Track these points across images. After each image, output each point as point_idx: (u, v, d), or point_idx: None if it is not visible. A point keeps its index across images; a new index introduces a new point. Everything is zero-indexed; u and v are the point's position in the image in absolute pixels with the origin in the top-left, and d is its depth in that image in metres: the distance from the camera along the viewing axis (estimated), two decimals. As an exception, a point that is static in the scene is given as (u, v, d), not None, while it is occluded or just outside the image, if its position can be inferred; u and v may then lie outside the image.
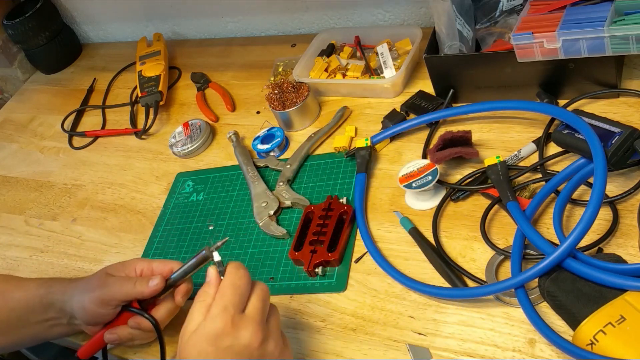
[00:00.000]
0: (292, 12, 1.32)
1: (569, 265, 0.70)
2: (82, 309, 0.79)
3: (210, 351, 0.63)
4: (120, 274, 0.81)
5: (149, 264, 0.81)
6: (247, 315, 0.65)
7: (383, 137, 0.99)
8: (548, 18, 0.86)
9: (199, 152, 1.15)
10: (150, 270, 0.81)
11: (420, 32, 1.10)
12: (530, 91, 0.94)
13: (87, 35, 1.64)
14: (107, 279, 0.80)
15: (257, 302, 0.67)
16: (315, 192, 0.98)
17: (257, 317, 0.65)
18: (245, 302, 0.66)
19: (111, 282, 0.79)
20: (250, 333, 0.64)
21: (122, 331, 0.80)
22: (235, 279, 0.66)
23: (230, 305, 0.65)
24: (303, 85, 1.09)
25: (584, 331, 0.65)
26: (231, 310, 0.64)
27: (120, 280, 0.79)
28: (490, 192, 0.85)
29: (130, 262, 0.83)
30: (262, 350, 0.64)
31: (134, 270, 0.81)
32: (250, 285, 0.68)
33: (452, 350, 0.73)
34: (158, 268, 0.81)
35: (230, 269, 0.68)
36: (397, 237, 0.87)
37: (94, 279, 0.81)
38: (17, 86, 1.57)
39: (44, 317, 0.82)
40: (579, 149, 0.81)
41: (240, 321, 0.64)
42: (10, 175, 1.29)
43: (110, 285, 0.78)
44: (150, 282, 0.78)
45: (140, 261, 0.82)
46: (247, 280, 0.67)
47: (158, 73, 1.29)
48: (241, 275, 0.67)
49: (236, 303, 0.65)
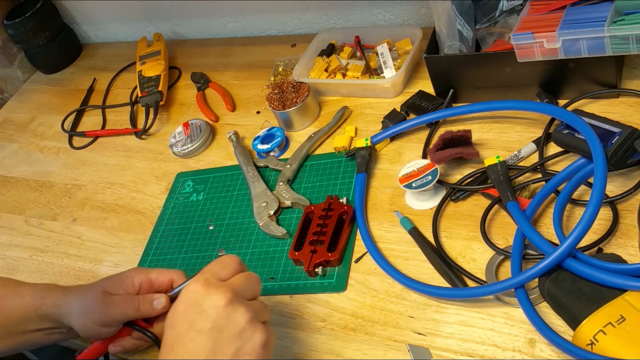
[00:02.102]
0: (292, 12, 1.32)
1: (569, 265, 0.70)
2: (84, 328, 0.77)
3: (180, 309, 0.63)
4: (119, 291, 0.78)
5: (146, 276, 0.79)
6: (224, 282, 0.65)
7: (383, 137, 0.99)
8: (548, 18, 0.86)
9: (199, 152, 1.15)
10: (149, 283, 0.79)
11: (420, 32, 1.10)
12: (530, 91, 0.94)
13: (87, 35, 1.64)
14: (106, 300, 0.77)
15: (241, 279, 0.66)
16: (315, 192, 0.98)
17: (234, 287, 0.64)
18: (227, 275, 0.66)
19: (112, 302, 0.76)
20: (220, 292, 0.62)
21: (127, 343, 0.79)
22: (223, 257, 0.68)
23: (208, 271, 0.66)
24: (303, 85, 1.09)
25: (584, 331, 0.65)
26: (208, 274, 0.65)
27: (122, 301, 0.76)
28: (490, 192, 0.85)
29: (127, 275, 0.79)
30: (228, 311, 0.62)
31: (132, 284, 0.78)
32: (238, 267, 0.67)
33: (452, 350, 0.73)
34: (157, 280, 0.79)
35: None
36: (397, 237, 0.87)
37: (91, 297, 0.77)
38: (17, 86, 1.57)
39: (41, 326, 0.81)
40: (579, 149, 0.81)
41: (213, 282, 0.64)
42: (10, 175, 1.29)
43: (111, 307, 0.76)
44: (155, 302, 0.76)
45: (137, 273, 0.79)
46: (235, 260, 0.67)
47: (158, 73, 1.29)
48: (231, 256, 0.68)
49: (215, 270, 0.66)
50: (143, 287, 0.79)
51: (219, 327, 0.61)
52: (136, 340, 0.79)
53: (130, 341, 0.79)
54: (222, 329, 0.61)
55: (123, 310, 0.76)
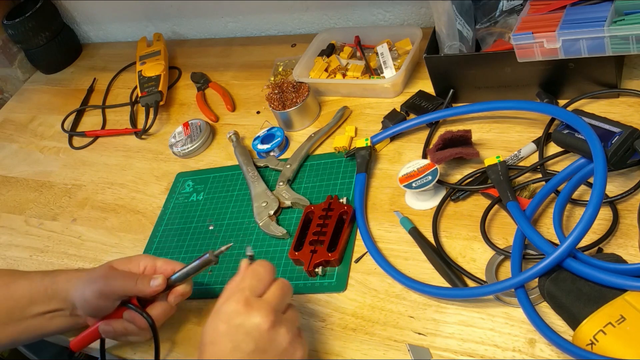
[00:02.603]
0: (292, 12, 1.32)
1: (569, 265, 0.70)
2: (83, 299, 0.79)
3: (222, 328, 0.65)
4: (124, 269, 0.82)
5: (153, 262, 0.82)
6: (262, 299, 0.68)
7: (383, 137, 0.99)
8: (548, 18, 0.86)
9: (199, 152, 1.15)
10: (153, 269, 0.82)
11: (420, 32, 1.10)
12: (530, 91, 0.94)
13: (87, 35, 1.64)
14: (110, 272, 0.80)
15: (276, 290, 0.69)
16: (315, 192, 0.98)
17: (272, 303, 0.67)
18: (263, 288, 0.69)
19: (113, 275, 0.80)
20: (262, 315, 0.65)
21: (117, 324, 0.80)
22: (257, 267, 0.70)
23: (247, 288, 0.68)
24: (303, 85, 1.09)
25: (584, 331, 0.65)
26: (247, 292, 0.67)
27: (123, 275, 0.80)
28: (490, 192, 0.85)
29: (135, 258, 0.83)
30: (272, 334, 0.65)
31: (137, 266, 0.82)
32: (273, 277, 0.71)
33: (452, 350, 0.73)
34: (161, 267, 0.81)
35: (256, 261, 0.72)
36: (397, 237, 0.87)
37: (98, 270, 0.82)
38: (17, 86, 1.57)
39: (47, 309, 0.83)
40: (579, 149, 0.81)
41: (254, 303, 0.66)
42: (10, 175, 1.29)
43: (112, 279, 0.79)
44: (152, 281, 0.78)
45: (145, 258, 0.83)
46: (269, 270, 0.70)
47: (158, 73, 1.29)
48: (264, 265, 0.71)
49: (253, 286, 0.68)
50: (147, 271, 0.82)
51: (262, 349, 0.65)
52: (127, 323, 0.79)
53: (122, 323, 0.80)
54: (266, 350, 0.65)
55: (122, 283, 0.78)
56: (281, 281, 0.71)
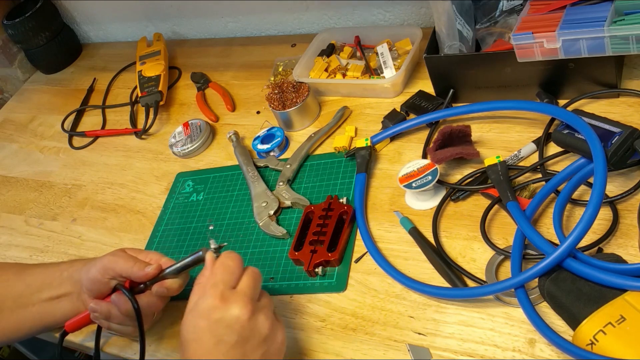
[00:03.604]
0: (292, 12, 1.32)
1: (569, 265, 0.70)
2: (87, 273, 0.82)
3: (203, 325, 0.67)
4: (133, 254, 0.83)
5: (159, 257, 0.83)
6: (237, 291, 0.69)
7: (383, 137, 0.99)
8: (548, 18, 0.86)
9: (199, 152, 1.15)
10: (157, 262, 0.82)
11: (420, 32, 1.10)
12: (530, 91, 0.94)
13: (87, 35, 1.64)
14: (118, 251, 0.83)
15: (248, 280, 0.70)
16: (315, 192, 0.98)
17: (248, 293, 0.69)
18: (236, 280, 0.70)
19: (119, 254, 0.82)
20: (240, 306, 0.67)
21: (103, 306, 0.81)
22: (226, 260, 0.71)
23: (220, 282, 0.69)
24: (303, 85, 1.09)
25: (584, 331, 0.65)
26: (221, 286, 0.68)
27: (126, 256, 0.82)
28: (490, 192, 0.85)
29: (146, 251, 0.85)
30: (252, 323, 0.67)
31: (146, 257, 0.83)
32: (242, 267, 0.71)
33: (452, 350, 0.73)
34: (165, 263, 0.82)
35: (223, 253, 0.73)
36: (397, 237, 0.87)
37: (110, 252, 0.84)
38: (17, 86, 1.57)
39: (57, 293, 0.85)
40: (579, 149, 0.81)
41: (230, 296, 0.68)
42: (10, 175, 1.29)
43: (116, 256, 0.82)
44: (147, 268, 0.80)
45: (155, 253, 0.84)
46: (237, 261, 0.71)
47: (158, 73, 1.29)
48: (232, 258, 0.72)
49: (226, 280, 0.69)
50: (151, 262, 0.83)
51: (245, 338, 0.67)
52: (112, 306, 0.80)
53: (107, 305, 0.80)
54: (249, 339, 0.67)
55: (123, 262, 0.80)
56: (251, 270, 0.72)
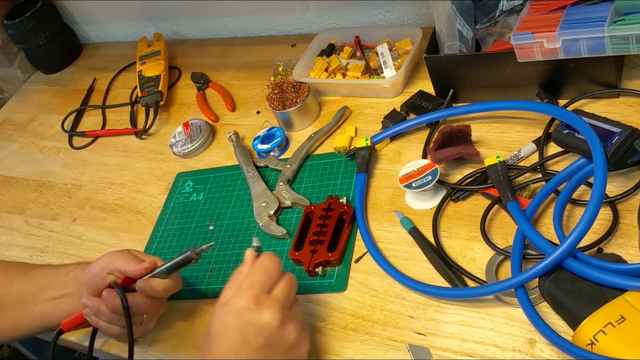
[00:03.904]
0: (292, 12, 1.32)
1: (569, 265, 0.70)
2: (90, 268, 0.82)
3: (233, 323, 0.67)
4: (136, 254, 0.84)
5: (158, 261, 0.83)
6: (272, 296, 0.69)
7: (383, 137, 0.99)
8: (548, 18, 0.86)
9: (199, 152, 1.15)
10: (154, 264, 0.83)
11: (420, 32, 1.10)
12: (530, 91, 0.94)
13: (87, 35, 1.64)
14: (121, 250, 0.84)
15: (284, 286, 0.70)
16: (315, 192, 0.98)
17: (281, 300, 0.69)
18: (272, 284, 0.70)
19: (121, 251, 0.83)
20: (272, 312, 0.67)
21: (94, 301, 0.81)
22: (266, 262, 0.71)
23: (257, 284, 0.69)
24: (303, 85, 1.09)
25: (584, 331, 0.65)
26: (257, 288, 0.68)
27: (127, 253, 0.83)
28: (490, 192, 0.85)
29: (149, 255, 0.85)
30: (281, 331, 0.68)
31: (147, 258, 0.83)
32: (280, 272, 0.72)
33: (452, 350, 0.73)
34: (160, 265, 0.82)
35: (263, 254, 0.73)
36: (397, 237, 0.87)
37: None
38: (17, 86, 1.57)
39: (60, 292, 0.85)
40: (579, 149, 0.81)
41: (265, 300, 0.68)
42: (10, 175, 1.29)
43: (117, 252, 0.83)
44: (142, 264, 0.80)
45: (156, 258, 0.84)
46: (277, 266, 0.71)
47: (158, 73, 1.29)
48: (273, 261, 0.72)
49: (263, 283, 0.69)
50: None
51: (271, 344, 0.67)
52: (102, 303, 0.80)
53: (97, 302, 0.80)
54: (274, 346, 0.67)
55: (122, 258, 0.81)
56: (288, 276, 0.72)
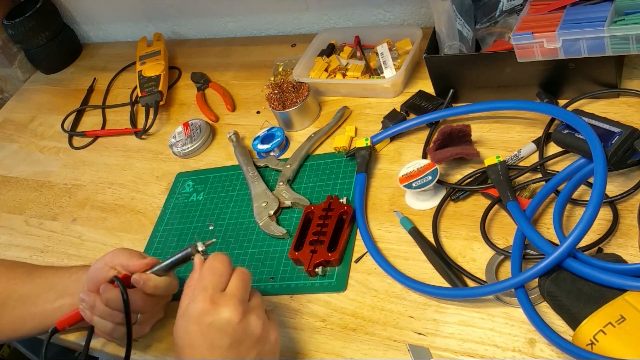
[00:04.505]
0: (292, 12, 1.32)
1: (569, 265, 0.70)
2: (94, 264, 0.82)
3: (194, 330, 0.66)
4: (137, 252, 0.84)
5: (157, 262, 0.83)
6: (226, 294, 0.68)
7: (383, 137, 0.99)
8: (548, 18, 0.86)
9: (199, 152, 1.15)
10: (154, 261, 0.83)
11: (420, 32, 1.10)
12: (530, 91, 0.94)
13: (87, 35, 1.64)
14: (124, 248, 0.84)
15: (237, 282, 0.70)
16: (315, 192, 0.98)
17: (237, 295, 0.68)
18: (224, 282, 0.70)
19: (125, 248, 0.84)
20: (230, 309, 0.67)
21: (91, 297, 0.80)
22: (214, 263, 0.71)
23: (209, 286, 0.68)
24: (303, 85, 1.09)
25: (584, 331, 0.65)
26: (210, 290, 0.68)
27: (130, 250, 0.83)
28: (490, 192, 0.85)
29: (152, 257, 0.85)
30: (244, 325, 0.67)
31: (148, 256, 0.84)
32: (230, 269, 0.71)
33: (452, 350, 0.73)
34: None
35: (210, 255, 0.73)
36: (397, 237, 0.87)
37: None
38: (17, 86, 1.57)
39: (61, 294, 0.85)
40: (579, 149, 0.81)
41: (219, 299, 0.67)
42: (10, 175, 1.29)
43: (121, 249, 0.83)
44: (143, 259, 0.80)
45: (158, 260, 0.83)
46: (226, 263, 0.71)
47: (158, 73, 1.29)
48: (220, 259, 0.71)
49: (215, 283, 0.69)
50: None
51: (238, 340, 0.67)
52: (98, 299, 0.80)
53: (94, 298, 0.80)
54: (242, 341, 0.67)
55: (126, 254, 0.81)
56: (240, 270, 0.71)
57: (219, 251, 0.95)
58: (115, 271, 0.81)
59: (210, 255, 0.73)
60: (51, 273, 0.89)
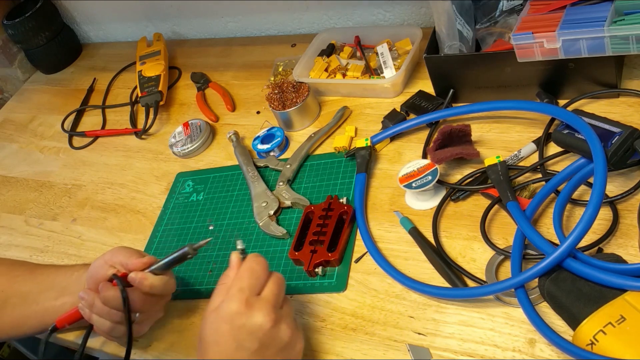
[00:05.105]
0: (292, 12, 1.32)
1: (569, 265, 0.70)
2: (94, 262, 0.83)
3: (225, 329, 0.67)
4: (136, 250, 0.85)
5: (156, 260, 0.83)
6: (262, 298, 0.69)
7: (383, 137, 0.99)
8: (548, 18, 0.86)
9: (199, 152, 1.15)
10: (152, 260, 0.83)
11: (420, 32, 1.10)
12: (530, 91, 0.94)
13: (87, 35, 1.64)
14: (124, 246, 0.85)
15: (273, 287, 0.70)
16: (315, 192, 0.98)
17: (272, 301, 0.69)
18: (261, 286, 0.70)
19: (125, 247, 0.84)
20: (264, 314, 0.67)
21: (90, 295, 0.80)
22: (253, 264, 0.71)
23: (246, 287, 0.69)
24: (303, 85, 1.09)
25: (584, 331, 0.65)
26: (247, 291, 0.68)
27: (130, 249, 0.84)
28: (490, 192, 0.85)
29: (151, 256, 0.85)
30: (274, 332, 0.68)
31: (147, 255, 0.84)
32: (268, 273, 0.72)
33: (452, 350, 0.73)
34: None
35: (249, 256, 0.73)
36: (397, 237, 0.87)
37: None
38: (17, 86, 1.57)
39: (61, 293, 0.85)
40: (579, 149, 0.81)
41: (255, 302, 0.68)
42: (10, 175, 1.29)
43: (121, 247, 0.84)
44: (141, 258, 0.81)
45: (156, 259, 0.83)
46: (264, 266, 0.71)
47: (158, 73, 1.29)
48: (259, 262, 0.72)
49: (252, 285, 0.69)
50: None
51: (266, 346, 0.67)
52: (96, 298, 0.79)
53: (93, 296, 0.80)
54: (269, 347, 0.68)
55: (125, 252, 0.82)
56: (276, 276, 0.72)
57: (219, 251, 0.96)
58: (115, 269, 0.81)
59: (249, 255, 0.73)
60: (52, 272, 0.89)
